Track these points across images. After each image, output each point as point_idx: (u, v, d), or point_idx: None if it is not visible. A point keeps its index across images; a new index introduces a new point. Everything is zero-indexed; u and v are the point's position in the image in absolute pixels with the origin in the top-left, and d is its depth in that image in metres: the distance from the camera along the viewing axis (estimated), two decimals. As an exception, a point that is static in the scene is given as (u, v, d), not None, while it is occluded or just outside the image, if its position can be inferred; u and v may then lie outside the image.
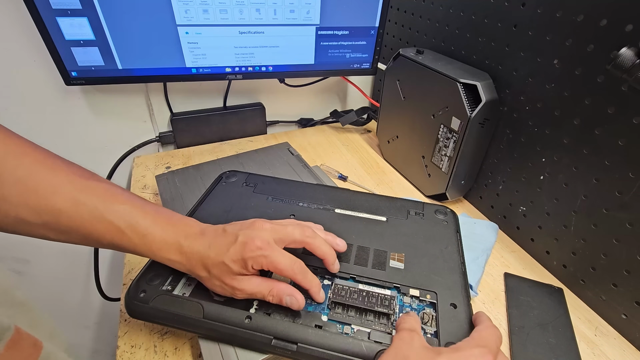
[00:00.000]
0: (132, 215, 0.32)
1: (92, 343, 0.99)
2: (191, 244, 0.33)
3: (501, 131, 0.54)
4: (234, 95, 0.78)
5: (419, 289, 0.37)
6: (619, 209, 0.40)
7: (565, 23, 0.42)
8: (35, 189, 0.29)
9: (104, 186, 0.32)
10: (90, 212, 0.30)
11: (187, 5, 0.55)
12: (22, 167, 0.29)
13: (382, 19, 0.65)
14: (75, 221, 0.30)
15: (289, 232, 0.34)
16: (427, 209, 0.48)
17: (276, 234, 0.34)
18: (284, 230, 0.34)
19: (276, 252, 0.32)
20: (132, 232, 0.32)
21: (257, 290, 0.33)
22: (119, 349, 0.39)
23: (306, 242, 0.34)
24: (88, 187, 0.31)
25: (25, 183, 0.28)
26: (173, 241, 0.33)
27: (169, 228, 0.33)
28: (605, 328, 0.44)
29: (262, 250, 0.32)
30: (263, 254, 0.32)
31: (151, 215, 0.33)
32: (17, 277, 0.79)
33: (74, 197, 0.30)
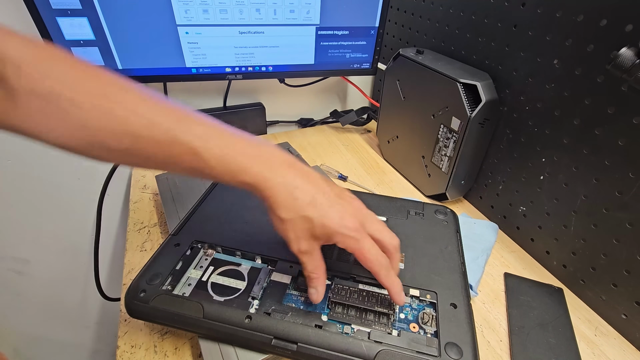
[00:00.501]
0: (209, 135, 0.29)
1: (92, 343, 0.99)
2: (276, 177, 0.30)
3: (501, 131, 0.54)
4: (234, 95, 0.78)
5: (419, 288, 0.37)
6: (619, 209, 0.40)
7: (565, 23, 0.42)
8: (112, 112, 0.27)
9: (177, 107, 0.30)
10: (165, 133, 0.28)
11: (187, 5, 0.55)
12: (95, 90, 0.27)
13: (382, 19, 0.65)
14: (153, 145, 0.28)
15: (381, 230, 0.32)
16: (427, 209, 0.48)
17: (370, 224, 0.32)
18: (378, 226, 0.32)
19: (367, 240, 0.31)
20: (208, 153, 0.29)
21: (312, 265, 0.32)
22: (119, 349, 0.39)
23: (390, 251, 0.32)
24: (162, 107, 0.29)
25: (101, 107, 0.27)
26: (256, 170, 0.29)
27: (250, 151, 0.30)
28: (605, 328, 0.44)
29: (356, 233, 0.30)
30: (355, 237, 0.30)
31: (228, 136, 0.30)
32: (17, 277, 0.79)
33: (150, 118, 0.28)
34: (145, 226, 0.56)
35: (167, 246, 0.41)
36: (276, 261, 0.40)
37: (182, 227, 0.44)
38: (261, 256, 0.41)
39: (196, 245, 0.42)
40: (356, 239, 0.30)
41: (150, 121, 0.28)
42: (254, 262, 0.41)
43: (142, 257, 0.50)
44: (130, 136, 0.28)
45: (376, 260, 0.31)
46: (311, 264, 0.32)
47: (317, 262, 0.32)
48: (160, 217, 0.58)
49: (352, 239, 0.30)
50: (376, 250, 0.31)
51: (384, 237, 0.32)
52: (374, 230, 0.32)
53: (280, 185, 0.29)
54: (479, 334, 0.42)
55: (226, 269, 0.40)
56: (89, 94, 0.27)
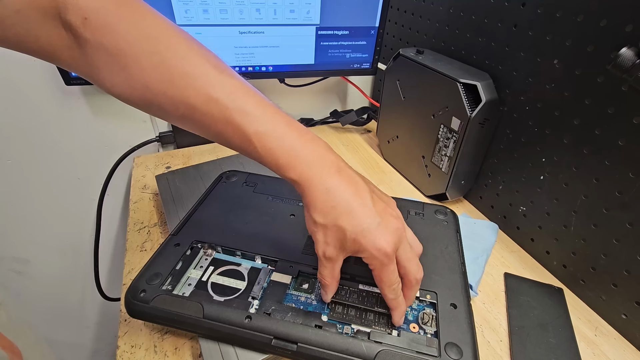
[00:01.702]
0: (262, 122, 0.28)
1: (92, 343, 0.99)
2: (319, 180, 0.29)
3: (501, 131, 0.54)
4: (234, 95, 0.77)
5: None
6: (619, 209, 0.40)
7: (565, 23, 0.42)
8: (171, 80, 0.27)
9: (238, 83, 0.29)
10: (220, 111, 0.28)
11: (187, 5, 0.55)
12: (157, 53, 0.27)
13: (382, 19, 0.65)
14: (207, 119, 0.28)
15: (411, 259, 0.31)
16: (427, 209, 0.48)
17: (402, 252, 0.30)
18: (409, 254, 0.31)
19: (392, 265, 0.30)
20: (258, 141, 0.28)
21: (330, 274, 0.32)
22: (119, 349, 0.39)
23: (411, 283, 0.32)
24: (221, 82, 0.28)
25: (161, 72, 0.27)
26: (301, 170, 0.29)
27: (301, 147, 0.29)
28: (605, 328, 0.44)
29: (385, 258, 0.29)
30: (383, 261, 0.29)
31: (282, 126, 0.29)
32: (17, 277, 0.79)
33: (207, 93, 0.27)
34: (145, 226, 0.56)
35: (167, 246, 0.41)
36: (276, 261, 0.40)
37: (182, 227, 0.44)
38: (261, 256, 0.41)
39: (196, 245, 0.42)
40: (382, 263, 0.29)
41: (207, 96, 0.28)
42: (254, 262, 0.41)
43: (142, 257, 0.50)
44: (187, 106, 0.28)
45: (390, 285, 0.30)
46: (330, 272, 0.31)
47: (335, 272, 0.32)
48: (160, 217, 0.58)
49: (379, 262, 0.29)
50: (395, 277, 0.30)
51: (411, 268, 0.31)
52: (405, 258, 0.31)
53: (321, 188, 0.29)
54: (479, 334, 0.42)
55: (226, 269, 0.40)
56: (154, 56, 0.27)
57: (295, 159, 0.29)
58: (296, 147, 0.29)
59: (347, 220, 0.28)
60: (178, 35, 0.29)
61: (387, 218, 0.30)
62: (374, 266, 0.30)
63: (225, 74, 0.29)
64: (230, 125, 0.28)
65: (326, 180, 0.29)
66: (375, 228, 0.28)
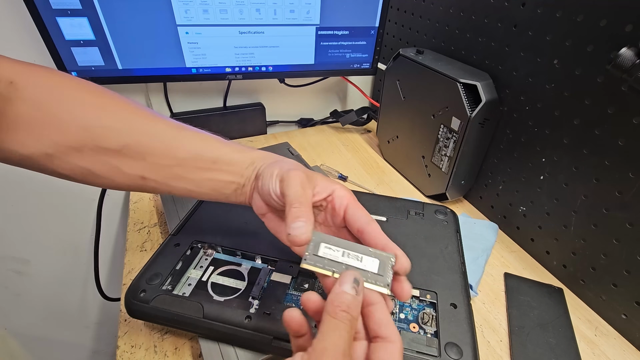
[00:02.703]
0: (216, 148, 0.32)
1: (92, 343, 0.99)
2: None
3: (501, 131, 0.54)
4: (234, 95, 0.78)
5: (419, 289, 0.37)
6: (619, 209, 0.40)
7: (565, 23, 0.42)
8: (145, 155, 0.30)
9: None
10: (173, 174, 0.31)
11: (187, 5, 0.55)
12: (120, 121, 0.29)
13: (382, 19, 0.65)
14: (161, 181, 0.31)
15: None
16: (427, 209, 0.48)
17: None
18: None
19: None
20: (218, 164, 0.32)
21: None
22: (119, 349, 0.39)
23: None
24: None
25: (125, 142, 0.29)
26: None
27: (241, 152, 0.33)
28: (605, 328, 0.44)
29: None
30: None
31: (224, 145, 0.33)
32: (17, 277, 0.79)
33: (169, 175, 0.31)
34: (145, 226, 0.56)
35: (167, 246, 0.41)
36: (276, 261, 0.40)
37: (182, 227, 0.44)
38: (261, 256, 0.41)
39: (196, 245, 0.42)
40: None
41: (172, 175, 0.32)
42: (254, 262, 0.41)
43: (142, 257, 0.50)
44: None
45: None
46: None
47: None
48: (160, 217, 0.58)
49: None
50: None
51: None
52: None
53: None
54: (479, 334, 0.42)
55: (226, 269, 0.40)
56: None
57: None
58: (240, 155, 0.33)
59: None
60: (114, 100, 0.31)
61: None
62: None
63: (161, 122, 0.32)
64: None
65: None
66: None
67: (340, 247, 0.26)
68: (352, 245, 0.26)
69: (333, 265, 0.25)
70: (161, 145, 0.30)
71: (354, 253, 0.26)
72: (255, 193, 0.31)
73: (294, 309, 0.25)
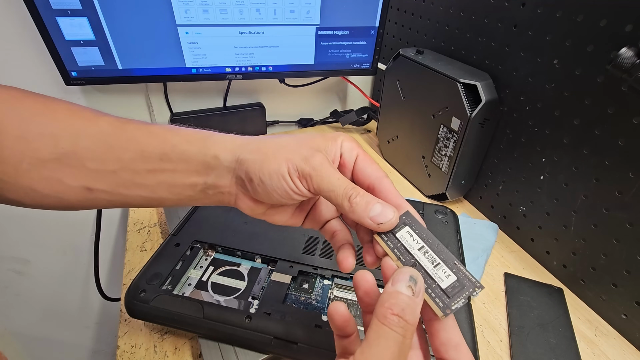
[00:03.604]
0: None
1: (92, 343, 0.99)
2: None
3: (501, 131, 0.54)
4: (234, 95, 0.78)
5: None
6: (619, 209, 0.40)
7: (565, 23, 0.42)
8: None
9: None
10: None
11: (187, 5, 0.55)
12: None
13: (382, 19, 0.65)
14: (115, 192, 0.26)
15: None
16: (427, 209, 0.48)
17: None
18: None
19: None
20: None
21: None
22: (119, 349, 0.39)
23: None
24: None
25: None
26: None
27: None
28: (605, 328, 0.44)
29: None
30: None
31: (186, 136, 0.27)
32: (17, 277, 0.79)
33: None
34: (145, 226, 0.56)
35: (167, 246, 0.41)
36: (276, 261, 0.40)
37: (182, 227, 0.44)
38: (261, 256, 0.41)
39: (196, 245, 0.42)
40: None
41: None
42: (254, 262, 0.41)
43: (142, 257, 0.50)
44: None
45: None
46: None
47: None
48: (160, 217, 0.58)
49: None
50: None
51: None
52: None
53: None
54: (479, 334, 0.42)
55: (226, 269, 0.40)
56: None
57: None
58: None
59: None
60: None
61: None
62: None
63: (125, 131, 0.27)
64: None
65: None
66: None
67: (422, 240, 0.22)
68: (436, 246, 0.22)
69: (402, 252, 0.22)
70: (102, 147, 0.25)
71: (432, 254, 0.22)
72: (244, 197, 0.26)
73: (340, 303, 0.22)
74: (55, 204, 0.26)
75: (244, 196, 0.26)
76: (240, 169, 0.24)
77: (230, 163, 0.25)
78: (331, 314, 0.22)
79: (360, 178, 0.26)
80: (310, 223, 0.29)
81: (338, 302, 0.22)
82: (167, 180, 0.26)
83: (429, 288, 0.20)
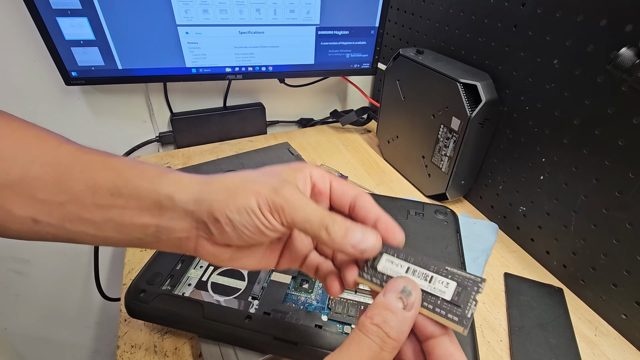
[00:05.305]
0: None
1: (92, 343, 0.99)
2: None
3: (501, 131, 0.54)
4: (234, 95, 0.78)
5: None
6: (619, 209, 0.40)
7: (565, 23, 0.42)
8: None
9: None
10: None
11: (187, 5, 0.55)
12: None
13: (382, 19, 0.65)
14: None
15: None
16: (427, 209, 0.48)
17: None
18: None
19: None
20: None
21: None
22: (119, 349, 0.39)
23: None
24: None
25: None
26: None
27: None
28: (605, 328, 0.44)
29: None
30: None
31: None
32: (17, 277, 0.79)
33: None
34: (145, 226, 0.56)
35: (167, 246, 0.41)
36: (276, 261, 0.40)
37: (182, 227, 0.44)
38: (261, 256, 0.41)
39: (196, 245, 0.42)
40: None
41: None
42: (254, 262, 0.41)
43: (142, 257, 0.50)
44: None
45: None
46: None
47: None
48: (160, 217, 0.58)
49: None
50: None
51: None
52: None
53: None
54: (479, 334, 0.42)
55: (226, 269, 0.40)
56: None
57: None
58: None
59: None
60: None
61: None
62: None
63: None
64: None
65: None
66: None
67: (405, 262, 0.21)
68: (421, 260, 0.21)
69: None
70: (54, 176, 0.22)
71: (421, 271, 0.20)
72: (206, 243, 0.23)
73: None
74: (1, 232, 0.24)
75: (206, 241, 0.23)
76: (200, 210, 0.22)
77: (187, 204, 0.22)
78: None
79: (340, 200, 0.25)
80: (286, 262, 0.27)
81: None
82: (116, 218, 0.23)
83: (436, 307, 0.19)
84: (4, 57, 0.58)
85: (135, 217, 0.23)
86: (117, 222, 0.23)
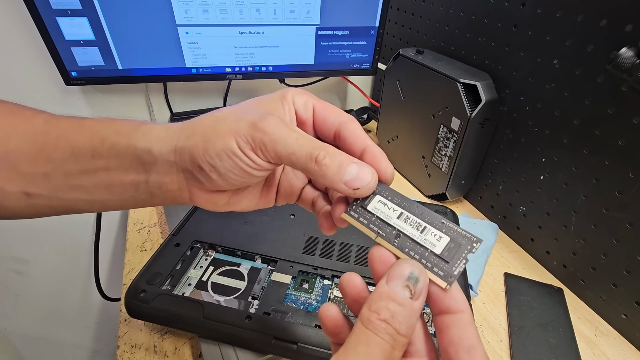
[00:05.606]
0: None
1: (92, 343, 0.99)
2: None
3: (501, 131, 0.54)
4: (234, 95, 0.78)
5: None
6: (619, 209, 0.40)
7: (565, 23, 0.42)
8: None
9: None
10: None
11: (187, 5, 0.55)
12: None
13: (382, 19, 0.65)
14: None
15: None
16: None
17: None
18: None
19: None
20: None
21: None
22: (119, 349, 0.39)
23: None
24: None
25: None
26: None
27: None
28: (605, 328, 0.44)
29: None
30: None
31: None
32: (17, 277, 0.79)
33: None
34: (145, 226, 0.56)
35: (167, 246, 0.41)
36: (276, 261, 0.40)
37: (182, 227, 0.44)
38: (261, 256, 0.41)
39: (196, 245, 0.42)
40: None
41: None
42: (254, 262, 0.41)
43: (142, 257, 0.50)
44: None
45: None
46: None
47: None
48: (160, 217, 0.58)
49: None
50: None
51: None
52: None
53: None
54: (479, 334, 0.42)
55: (226, 269, 0.40)
56: None
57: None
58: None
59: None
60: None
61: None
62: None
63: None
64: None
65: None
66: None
67: (399, 206, 0.19)
68: (417, 209, 0.19)
69: (380, 226, 0.19)
70: (34, 147, 0.22)
71: (414, 219, 0.19)
72: (199, 191, 0.22)
73: (331, 305, 0.19)
74: (1, 214, 0.24)
75: (199, 190, 0.22)
76: (182, 160, 0.21)
77: (167, 155, 0.21)
78: (322, 317, 0.19)
79: (324, 130, 0.23)
80: (283, 199, 0.26)
81: (329, 304, 0.20)
82: (104, 179, 0.22)
83: (423, 258, 0.18)
84: (4, 57, 0.58)
85: (122, 176, 0.22)
86: (106, 183, 0.22)
